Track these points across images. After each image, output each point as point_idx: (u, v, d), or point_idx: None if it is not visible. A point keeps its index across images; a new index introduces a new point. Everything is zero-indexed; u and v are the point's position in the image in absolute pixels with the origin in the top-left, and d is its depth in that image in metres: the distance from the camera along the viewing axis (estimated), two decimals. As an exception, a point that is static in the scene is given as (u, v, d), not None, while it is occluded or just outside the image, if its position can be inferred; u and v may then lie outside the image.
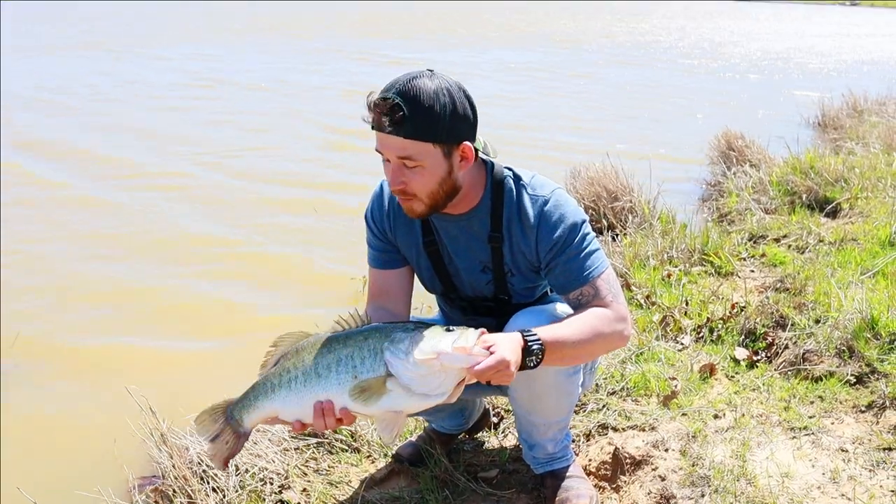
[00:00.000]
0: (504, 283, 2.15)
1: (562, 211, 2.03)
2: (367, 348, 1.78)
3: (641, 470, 2.45)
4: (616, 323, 1.98)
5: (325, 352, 1.82)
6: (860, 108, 9.21)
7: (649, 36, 23.02)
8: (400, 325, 1.83)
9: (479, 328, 1.78)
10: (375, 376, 1.76)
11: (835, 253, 4.17)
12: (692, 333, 3.41)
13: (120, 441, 2.81)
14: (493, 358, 1.70)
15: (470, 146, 1.94)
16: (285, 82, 13.34)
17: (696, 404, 2.79)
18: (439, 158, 1.89)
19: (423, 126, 1.83)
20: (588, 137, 8.89)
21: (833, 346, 3.02)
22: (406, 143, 1.84)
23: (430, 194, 1.93)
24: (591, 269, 2.02)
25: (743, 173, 6.11)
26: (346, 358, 1.79)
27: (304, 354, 1.84)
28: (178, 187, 6.82)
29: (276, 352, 1.91)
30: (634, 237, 4.61)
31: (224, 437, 1.94)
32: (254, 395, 1.89)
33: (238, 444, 1.94)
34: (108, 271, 4.94)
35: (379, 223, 2.20)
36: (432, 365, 1.71)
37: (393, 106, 1.80)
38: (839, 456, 2.43)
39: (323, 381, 1.80)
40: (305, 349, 1.85)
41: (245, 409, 1.91)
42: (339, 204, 6.18)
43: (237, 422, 1.93)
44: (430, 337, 1.74)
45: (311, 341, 1.86)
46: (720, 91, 13.49)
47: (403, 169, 1.89)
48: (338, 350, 1.81)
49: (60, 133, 8.87)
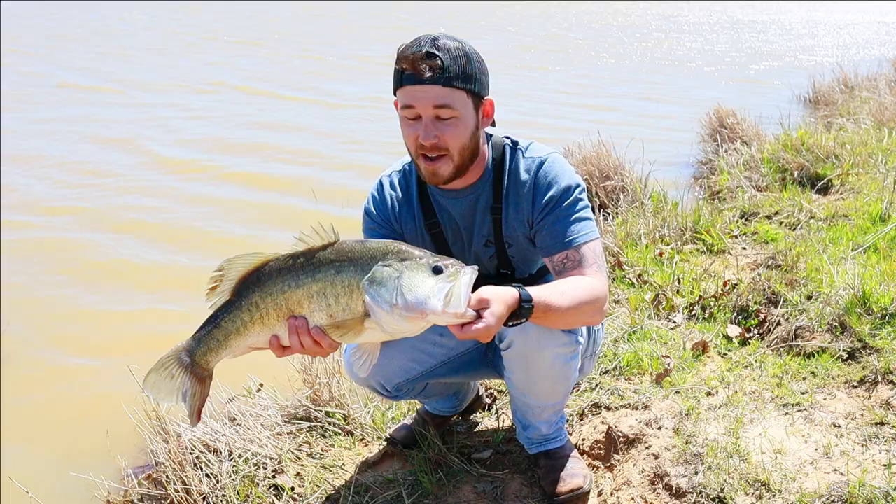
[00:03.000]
0: (505, 255, 2.15)
1: (556, 172, 2.05)
2: (341, 284, 1.64)
3: (635, 448, 2.45)
4: (600, 298, 1.96)
5: (293, 284, 1.67)
6: (851, 84, 9.18)
7: (638, 16, 22.93)
8: (378, 251, 1.67)
9: (471, 266, 1.65)
10: (352, 317, 1.65)
11: (826, 229, 4.16)
12: (684, 311, 3.41)
13: (113, 429, 2.80)
14: (482, 326, 1.62)
15: (492, 101, 2.01)
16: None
17: (689, 382, 2.79)
18: (471, 109, 1.94)
19: (460, 74, 1.89)
20: (580, 115, 8.85)
21: (825, 321, 3.02)
22: (444, 90, 1.88)
23: (461, 149, 1.96)
24: (580, 234, 2.01)
25: (734, 150, 6.10)
26: (318, 294, 1.65)
27: (271, 285, 1.68)
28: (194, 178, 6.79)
29: (224, 277, 1.71)
30: (626, 216, 4.60)
31: (190, 391, 1.76)
32: (222, 334, 1.72)
33: (206, 389, 1.78)
34: (109, 249, 4.94)
35: (382, 213, 2.20)
36: (417, 321, 1.60)
37: (431, 55, 1.86)
38: (832, 431, 2.43)
39: (297, 315, 1.68)
40: (270, 279, 1.68)
41: (212, 351, 1.73)
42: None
43: (201, 367, 1.75)
44: (417, 286, 1.60)
45: (274, 267, 1.69)
46: (711, 68, 13.44)
47: (437, 122, 1.92)
48: (307, 284, 1.66)
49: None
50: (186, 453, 2.53)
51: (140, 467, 2.71)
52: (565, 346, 2.07)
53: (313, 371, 2.85)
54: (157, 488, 2.53)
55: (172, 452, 2.50)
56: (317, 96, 10.61)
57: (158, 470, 2.56)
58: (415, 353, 2.27)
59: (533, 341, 2.03)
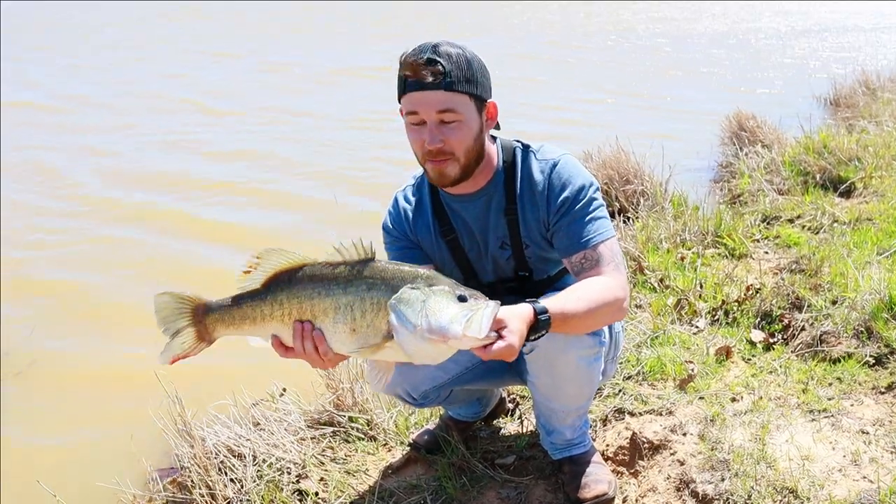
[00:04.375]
0: (522, 257, 2.16)
1: (570, 173, 2.07)
2: (370, 301, 1.68)
3: (660, 454, 2.44)
4: (619, 296, 1.96)
5: (323, 293, 1.71)
6: (873, 86, 9.08)
7: (660, 14, 22.83)
8: (408, 275, 1.71)
9: (494, 301, 1.68)
10: (374, 334, 1.68)
11: (850, 233, 4.13)
12: (707, 316, 3.39)
13: (138, 433, 2.82)
14: (502, 347, 1.65)
15: (495, 104, 2.05)
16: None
17: (714, 388, 2.77)
18: (474, 112, 1.98)
19: (461, 78, 1.93)
20: (599, 119, 8.82)
21: (851, 327, 3.00)
22: (447, 95, 1.92)
23: (467, 151, 1.99)
24: (596, 234, 2.02)
25: (755, 154, 6.05)
26: (345, 307, 1.69)
27: (300, 289, 1.72)
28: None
29: (259, 266, 1.76)
30: (647, 220, 4.57)
31: (184, 338, 1.81)
32: (239, 315, 1.77)
33: (197, 350, 1.83)
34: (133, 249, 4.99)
35: (398, 227, 2.23)
36: (439, 344, 1.64)
37: (433, 61, 1.91)
38: (860, 438, 2.41)
39: (317, 324, 1.71)
40: (301, 283, 1.72)
41: (224, 323, 1.78)
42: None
43: (207, 330, 1.80)
44: (441, 310, 1.64)
45: (308, 273, 1.73)
46: (731, 70, 13.36)
47: (441, 126, 1.95)
48: (337, 295, 1.70)
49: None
50: (211, 457, 2.54)
51: (165, 471, 2.72)
52: (589, 347, 2.07)
53: (336, 376, 2.86)
54: (181, 492, 2.55)
55: (197, 457, 2.52)
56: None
57: (183, 474, 2.58)
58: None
59: (556, 344, 2.02)
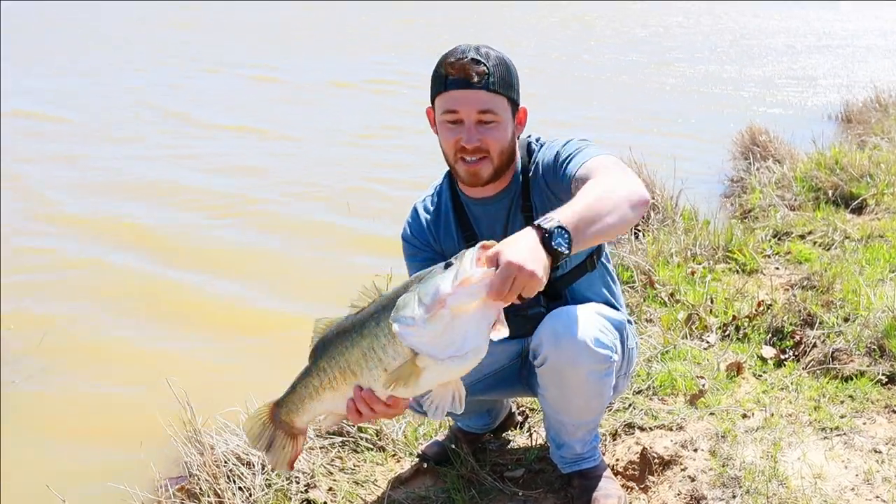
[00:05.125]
0: None
1: (558, 140, 2.12)
2: (383, 334, 1.59)
3: (670, 470, 2.43)
4: (631, 182, 1.82)
5: (349, 345, 1.66)
6: (885, 103, 9.06)
7: (668, 28, 22.84)
8: (402, 286, 1.62)
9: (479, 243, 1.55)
10: (403, 362, 1.57)
11: (862, 250, 4.11)
12: (718, 331, 3.38)
13: (147, 439, 2.82)
14: (502, 268, 1.47)
15: (525, 109, 2.12)
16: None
17: (724, 403, 2.76)
18: (509, 115, 2.05)
19: (503, 81, 2.01)
20: (611, 133, 8.82)
21: (863, 344, 2.98)
22: (490, 96, 1.99)
23: (501, 152, 2.05)
24: (596, 154, 1.97)
25: (766, 169, 6.03)
26: (369, 350, 1.62)
27: (332, 349, 1.70)
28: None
29: (315, 339, 1.76)
30: (657, 234, 4.57)
31: (279, 442, 1.86)
32: (298, 398, 1.79)
33: (297, 444, 1.87)
34: (140, 268, 4.99)
35: (420, 237, 2.26)
36: (442, 316, 1.48)
37: (477, 61, 1.97)
38: (872, 457, 2.39)
39: (360, 379, 1.66)
40: (332, 343, 1.70)
41: (293, 412, 1.81)
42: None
43: (288, 425, 1.84)
44: (430, 285, 1.52)
45: (334, 331, 1.71)
46: (743, 85, 13.35)
47: (479, 126, 2.01)
48: (359, 342, 1.64)
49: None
50: (220, 465, 2.54)
51: (174, 478, 2.72)
52: (600, 362, 2.06)
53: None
54: (190, 500, 2.55)
55: (206, 464, 2.52)
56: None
57: (192, 482, 2.58)
58: None
59: (567, 357, 2.02)
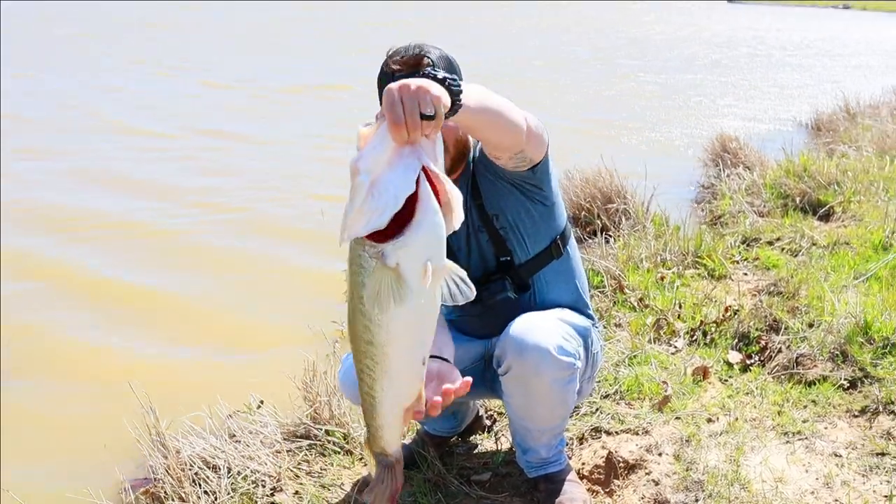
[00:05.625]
0: (496, 232, 2.20)
1: None
2: (352, 275, 1.41)
3: (635, 474, 2.45)
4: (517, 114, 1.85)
5: (350, 319, 1.49)
6: (853, 112, 9.22)
7: (643, 33, 23.07)
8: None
9: None
10: (380, 276, 1.38)
11: (828, 256, 4.18)
12: (685, 336, 3.41)
13: (111, 442, 2.79)
14: (385, 99, 1.33)
15: None
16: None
17: (690, 408, 2.79)
18: None
19: (447, 71, 1.94)
20: (583, 137, 8.88)
21: (826, 350, 3.03)
22: None
23: (457, 141, 2.09)
24: None
25: (737, 175, 6.12)
26: (368, 299, 1.40)
27: (352, 338, 1.52)
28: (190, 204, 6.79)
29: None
30: (628, 239, 4.60)
31: (378, 477, 1.79)
32: (369, 417, 1.66)
33: (395, 477, 1.80)
34: (106, 270, 4.93)
35: None
36: (361, 184, 1.31)
37: (420, 56, 1.99)
38: (833, 461, 2.43)
39: (376, 338, 1.46)
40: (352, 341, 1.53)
41: (376, 437, 1.70)
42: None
43: (381, 455, 1.76)
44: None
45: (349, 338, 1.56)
46: (714, 92, 13.51)
47: None
48: (351, 312, 1.47)
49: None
50: (185, 469, 2.52)
51: (138, 481, 2.69)
52: (563, 370, 2.07)
53: (314, 389, 2.85)
54: (154, 503, 2.52)
55: (171, 468, 2.50)
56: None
57: (156, 485, 2.55)
58: None
59: (531, 366, 2.04)
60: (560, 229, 2.27)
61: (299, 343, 3.38)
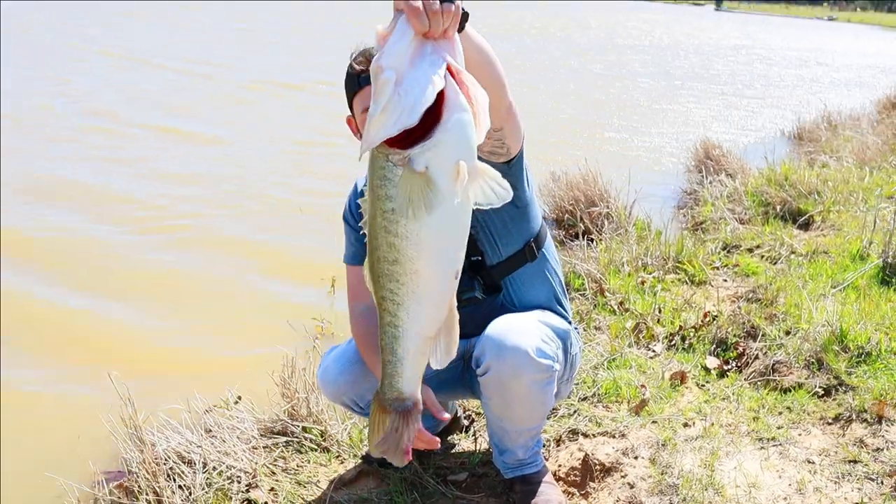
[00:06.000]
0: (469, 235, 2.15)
1: None
2: (377, 189, 1.34)
3: (611, 477, 2.46)
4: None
5: (374, 246, 1.42)
6: (834, 123, 9.32)
7: (628, 41, 23.20)
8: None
9: None
10: (409, 182, 1.31)
11: (806, 265, 4.22)
12: (664, 341, 3.43)
13: (85, 433, 2.77)
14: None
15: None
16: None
17: (667, 412, 2.80)
18: None
19: None
20: (567, 142, 8.91)
21: (802, 357, 3.05)
22: None
23: None
24: None
25: (719, 182, 6.16)
26: (383, 219, 1.36)
27: (374, 274, 1.46)
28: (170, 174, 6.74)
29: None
30: (610, 243, 4.63)
31: (393, 426, 1.67)
32: (387, 356, 1.55)
33: (410, 423, 1.68)
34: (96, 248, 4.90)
35: (359, 216, 2.19)
36: (387, 81, 1.25)
37: None
38: (806, 467, 2.45)
39: (403, 255, 1.39)
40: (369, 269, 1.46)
41: (391, 381, 1.59)
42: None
43: (397, 401, 1.63)
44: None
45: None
46: (698, 99, 13.60)
47: None
48: (372, 227, 1.40)
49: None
50: (160, 463, 2.50)
51: (112, 474, 2.67)
52: (542, 372, 2.07)
53: (292, 385, 2.84)
54: (128, 497, 2.49)
55: (146, 462, 2.47)
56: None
57: (130, 479, 2.53)
58: None
59: (509, 368, 2.04)
60: (534, 232, 2.26)
61: (279, 339, 3.36)
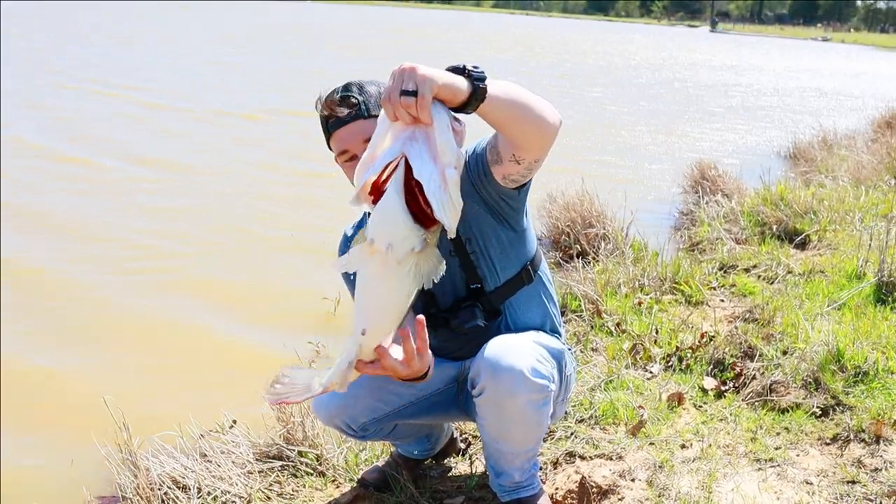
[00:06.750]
0: (468, 257, 2.15)
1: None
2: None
3: (608, 499, 2.44)
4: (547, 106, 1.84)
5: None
6: (830, 142, 9.36)
7: (624, 61, 23.39)
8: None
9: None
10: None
11: (803, 284, 4.22)
12: (661, 362, 3.42)
13: (79, 458, 2.75)
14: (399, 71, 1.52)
15: None
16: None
17: (664, 434, 2.79)
18: None
19: (376, 104, 2.00)
20: (564, 162, 8.94)
21: (800, 377, 3.05)
22: (367, 122, 1.97)
23: None
24: None
25: (715, 203, 6.18)
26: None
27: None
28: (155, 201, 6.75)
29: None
30: (606, 264, 4.63)
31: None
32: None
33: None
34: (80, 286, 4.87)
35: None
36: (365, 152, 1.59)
37: (345, 97, 2.01)
38: (804, 488, 2.44)
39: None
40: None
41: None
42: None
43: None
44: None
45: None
46: (694, 120, 13.67)
47: None
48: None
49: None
50: (154, 488, 2.49)
51: (106, 499, 2.65)
52: (537, 392, 2.06)
53: (287, 409, 2.83)
54: (122, 523, 2.49)
55: (140, 487, 2.46)
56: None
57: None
58: (382, 393, 2.25)
59: (505, 388, 2.03)
60: (530, 255, 2.26)
61: (274, 362, 3.34)
